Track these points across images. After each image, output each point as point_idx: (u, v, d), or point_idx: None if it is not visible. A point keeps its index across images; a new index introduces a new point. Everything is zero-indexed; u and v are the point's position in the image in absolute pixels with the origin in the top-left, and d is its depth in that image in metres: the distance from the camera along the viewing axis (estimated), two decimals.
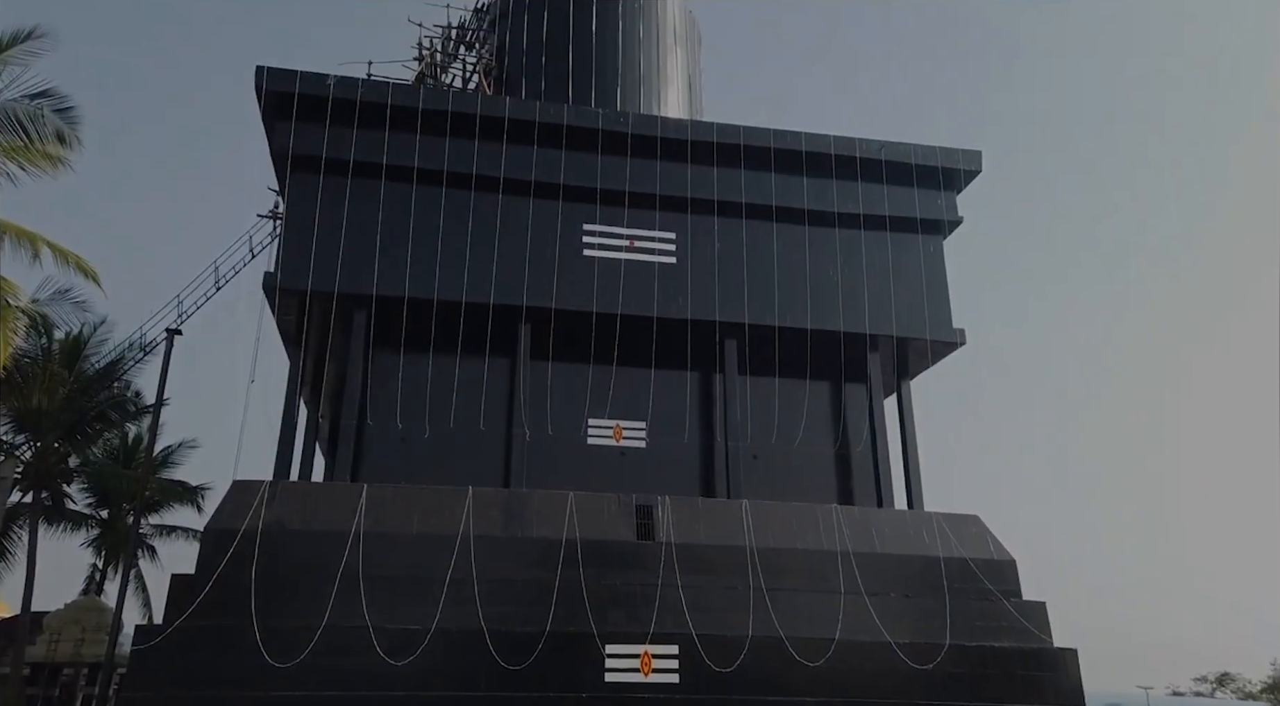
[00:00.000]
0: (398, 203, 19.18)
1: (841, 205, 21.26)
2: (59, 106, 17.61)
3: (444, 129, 19.55)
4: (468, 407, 19.08)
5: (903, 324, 20.73)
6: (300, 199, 18.96)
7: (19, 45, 17.09)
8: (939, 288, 21.41)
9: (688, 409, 20.26)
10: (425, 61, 24.60)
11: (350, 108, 19.22)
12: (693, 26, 26.23)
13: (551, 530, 16.76)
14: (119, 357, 24.65)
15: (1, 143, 17.25)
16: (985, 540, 18.75)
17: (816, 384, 20.98)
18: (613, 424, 19.74)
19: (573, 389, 19.67)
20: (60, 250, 17.94)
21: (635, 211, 20.17)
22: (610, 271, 19.67)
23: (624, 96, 23.19)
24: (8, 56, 17.08)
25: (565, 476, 18.41)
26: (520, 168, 19.80)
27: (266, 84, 18.99)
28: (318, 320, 19.01)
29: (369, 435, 18.69)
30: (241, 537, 15.60)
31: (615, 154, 20.21)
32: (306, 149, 19.02)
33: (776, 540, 17.63)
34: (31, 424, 24.10)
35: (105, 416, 26.12)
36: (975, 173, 22.31)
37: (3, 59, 17.02)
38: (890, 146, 21.75)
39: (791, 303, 20.29)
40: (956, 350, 21.32)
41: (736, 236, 20.55)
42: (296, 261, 18.38)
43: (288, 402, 18.82)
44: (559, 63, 23.27)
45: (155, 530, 29.36)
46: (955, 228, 22.24)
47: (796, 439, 20.43)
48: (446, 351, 19.04)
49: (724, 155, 20.78)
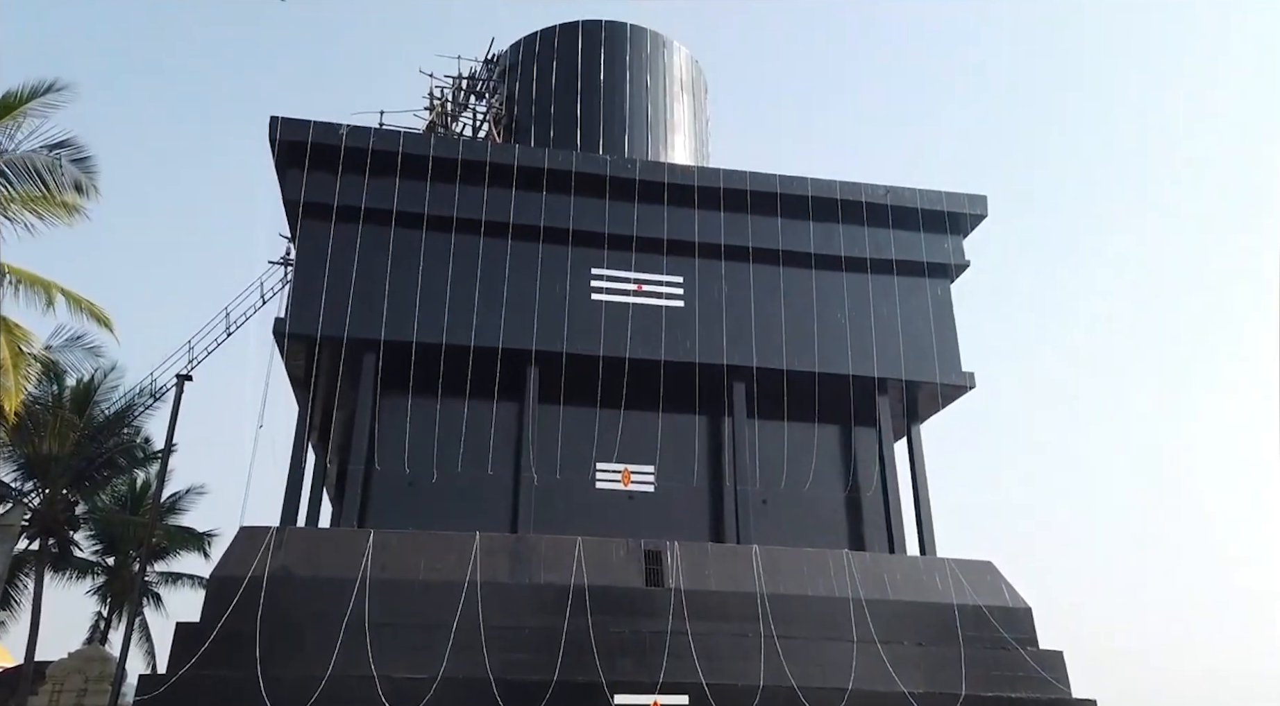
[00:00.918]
0: (408, 248, 19.37)
1: (849, 249, 21.37)
2: (76, 156, 17.93)
3: (454, 176, 19.84)
4: (475, 452, 19.03)
5: (911, 367, 20.67)
6: (311, 245, 19.18)
7: (39, 98, 17.45)
8: (947, 331, 21.39)
9: (696, 453, 20.16)
10: (436, 111, 25.05)
11: (362, 156, 19.52)
12: (699, 75, 26.68)
13: (559, 576, 16.57)
14: (129, 404, 24.74)
15: (19, 192, 17.53)
16: (1000, 587, 18.45)
17: (826, 428, 20.86)
18: (621, 468, 19.64)
19: (580, 433, 19.61)
20: (73, 297, 18.11)
21: (643, 256, 20.32)
22: (618, 315, 19.74)
23: (631, 144, 23.52)
24: (27, 108, 17.43)
25: (573, 521, 18.27)
26: (529, 213, 20.02)
27: (280, 134, 19.34)
28: (327, 365, 19.08)
29: (376, 479, 18.63)
30: (247, 585, 15.47)
31: (623, 199, 20.44)
32: (318, 196, 19.28)
33: (787, 586, 17.38)
34: (40, 470, 24.12)
35: (114, 462, 26.13)
36: (981, 217, 22.43)
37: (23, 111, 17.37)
38: (896, 191, 21.92)
39: (799, 346, 20.28)
40: (967, 393, 21.22)
41: (744, 280, 20.64)
42: (306, 307, 18.51)
43: (296, 448, 18.80)
44: (568, 111, 23.66)
45: (161, 577, 29.15)
46: (962, 271, 22.29)
47: (806, 483, 20.26)
48: (454, 395, 19.05)
49: (731, 200, 20.98)
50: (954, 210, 22.13)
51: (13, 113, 17.21)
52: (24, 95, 17.29)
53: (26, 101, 17.30)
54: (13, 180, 17.41)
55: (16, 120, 17.34)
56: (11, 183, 17.42)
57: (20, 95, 17.25)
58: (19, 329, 17.01)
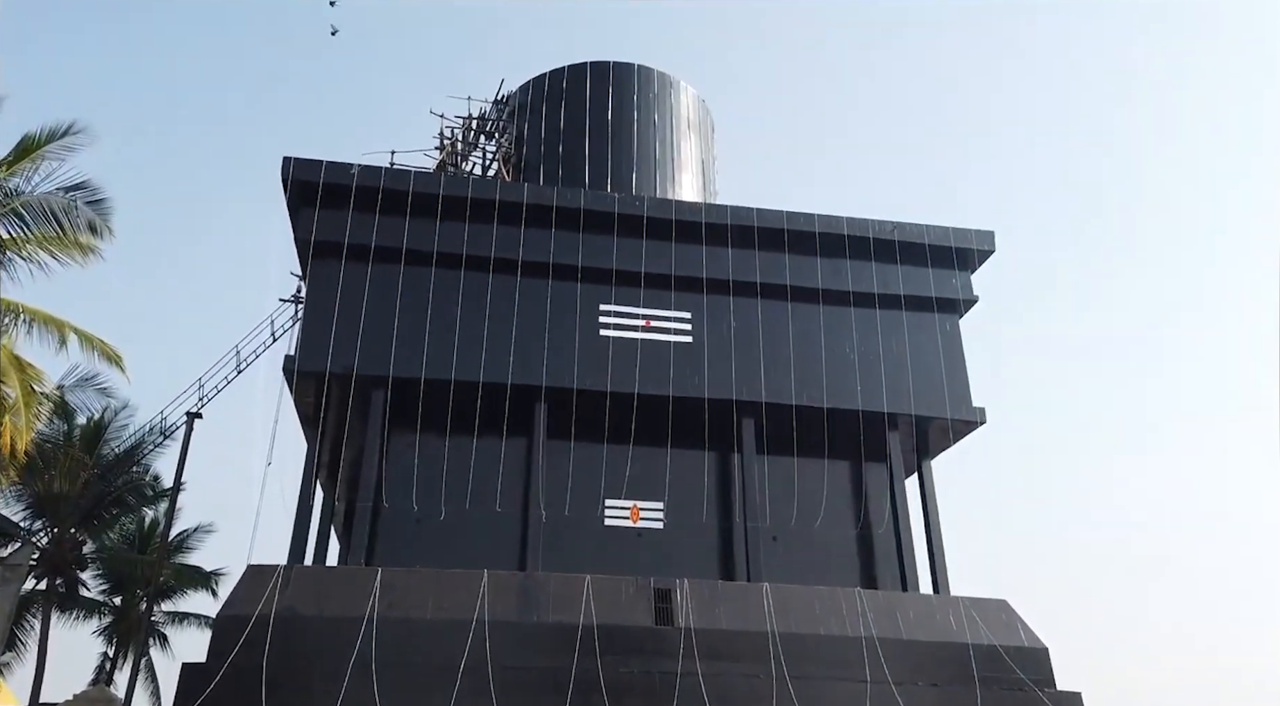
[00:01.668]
0: (417, 286, 19.49)
1: (856, 284, 21.42)
2: (92, 198, 18.18)
3: (463, 214, 20.02)
4: (484, 488, 18.96)
5: (921, 402, 20.58)
6: (322, 283, 19.33)
7: (57, 141, 17.74)
8: (957, 366, 21.32)
9: (705, 489, 20.04)
10: (446, 150, 25.37)
11: (373, 195, 19.75)
12: (705, 115, 26.99)
13: (568, 614, 16.40)
14: (139, 441, 24.81)
15: (35, 233, 17.76)
16: (1016, 626, 18.16)
17: (836, 463, 20.72)
18: (630, 504, 19.52)
19: (589, 469, 19.53)
20: (86, 336, 18.25)
21: (651, 292, 20.40)
22: (626, 351, 19.77)
23: (639, 181, 23.74)
24: (45, 151, 17.72)
25: (582, 558, 18.13)
26: (538, 250, 20.16)
27: (293, 173, 19.60)
28: (336, 402, 19.12)
29: (384, 517, 18.56)
30: (254, 624, 15.35)
31: (631, 236, 20.58)
32: (329, 235, 19.47)
33: (799, 625, 17.15)
34: (50, 509, 24.12)
35: (123, 501, 26.13)
36: (989, 252, 22.47)
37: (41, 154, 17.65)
38: (902, 227, 22.01)
39: (808, 381, 20.24)
40: (977, 429, 21.09)
41: (752, 316, 20.67)
42: (316, 344, 18.61)
43: (304, 485, 18.77)
44: (576, 150, 23.93)
45: (168, 617, 28.97)
46: (971, 306, 22.28)
47: (817, 519, 20.08)
48: (463, 432, 19.05)
49: (738, 236, 21.10)
50: (961, 246, 22.18)
51: (31, 155, 17.50)
52: (43, 138, 17.58)
53: (45, 144, 17.59)
54: (29, 221, 17.64)
55: (35, 162, 17.63)
56: (28, 224, 17.65)
57: (39, 138, 17.54)
58: (32, 368, 17.13)
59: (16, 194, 17.53)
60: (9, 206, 17.41)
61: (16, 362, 16.39)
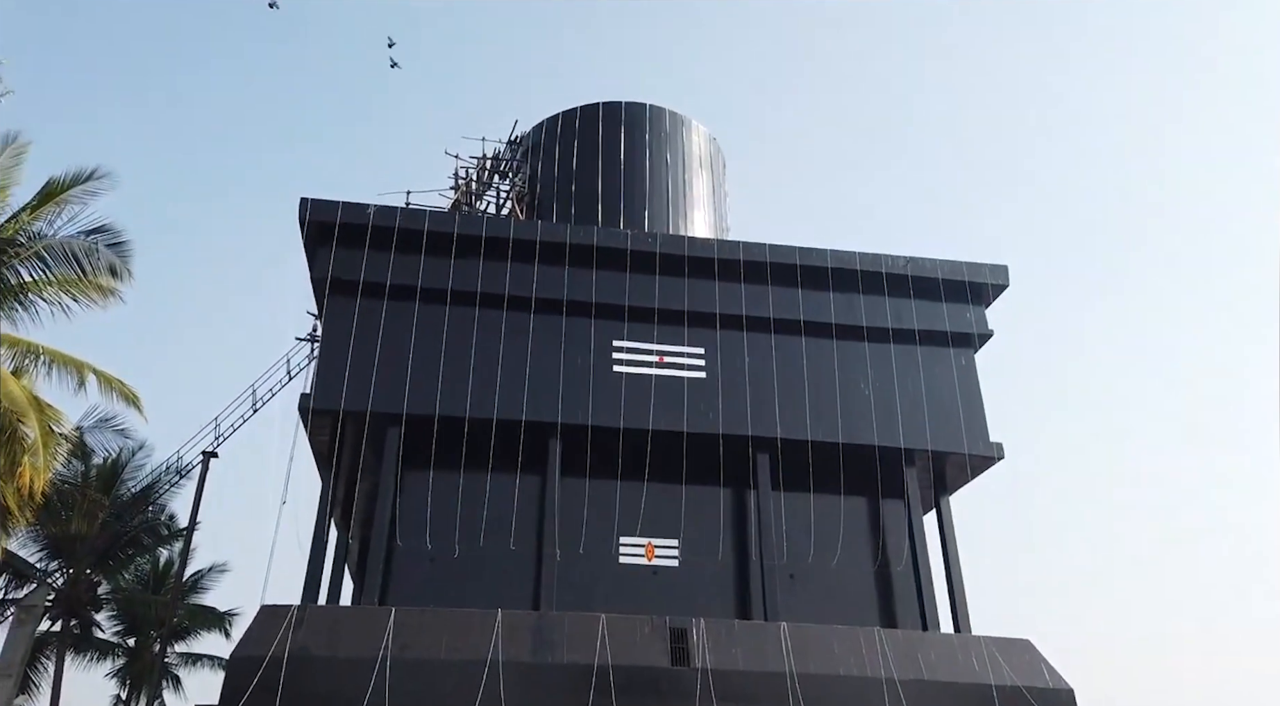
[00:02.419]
0: (432, 324, 19.59)
1: (870, 319, 21.37)
2: (112, 241, 18.46)
3: (478, 252, 20.18)
4: (497, 526, 18.86)
5: (938, 438, 20.40)
6: (338, 321, 19.46)
7: (80, 185, 18.07)
8: (973, 401, 21.15)
9: (721, 526, 19.85)
10: (461, 190, 25.66)
11: (388, 234, 19.95)
12: (717, 152, 27.23)
13: (582, 655, 16.19)
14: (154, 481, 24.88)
15: (57, 276, 18.02)
16: (1039, 666, 17.78)
17: (853, 499, 20.49)
18: (644, 542, 19.35)
19: (603, 506, 19.40)
20: (105, 377, 18.40)
21: (664, 327, 20.43)
22: (640, 387, 19.74)
23: (651, 218, 23.90)
24: (69, 195, 18.05)
25: (596, 597, 17.95)
26: (552, 287, 20.26)
27: (310, 214, 19.84)
28: (350, 440, 19.14)
29: (398, 555, 18.46)
30: (267, 665, 15.24)
31: (644, 272, 20.67)
32: (345, 274, 19.64)
33: (818, 666, 16.86)
34: (66, 550, 24.15)
35: (138, 541, 26.15)
36: (1003, 287, 22.41)
37: (64, 198, 17.98)
38: (916, 262, 22.01)
39: (824, 417, 20.12)
40: (995, 464, 20.86)
41: (766, 351, 20.64)
42: (331, 382, 18.68)
43: (318, 524, 18.73)
44: (589, 188, 24.15)
45: (181, 658, 28.82)
46: (986, 341, 22.17)
47: (834, 557, 19.82)
48: (477, 469, 18.99)
49: (751, 272, 21.14)
50: (975, 280, 22.14)
51: (54, 199, 17.83)
52: (66, 183, 17.91)
53: (68, 188, 17.91)
54: (51, 264, 17.92)
55: (58, 207, 17.95)
56: (50, 267, 17.92)
57: (63, 183, 17.88)
58: (51, 409, 17.24)
59: (39, 237, 17.84)
60: (32, 250, 17.71)
61: (36, 403, 16.51)
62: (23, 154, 17.81)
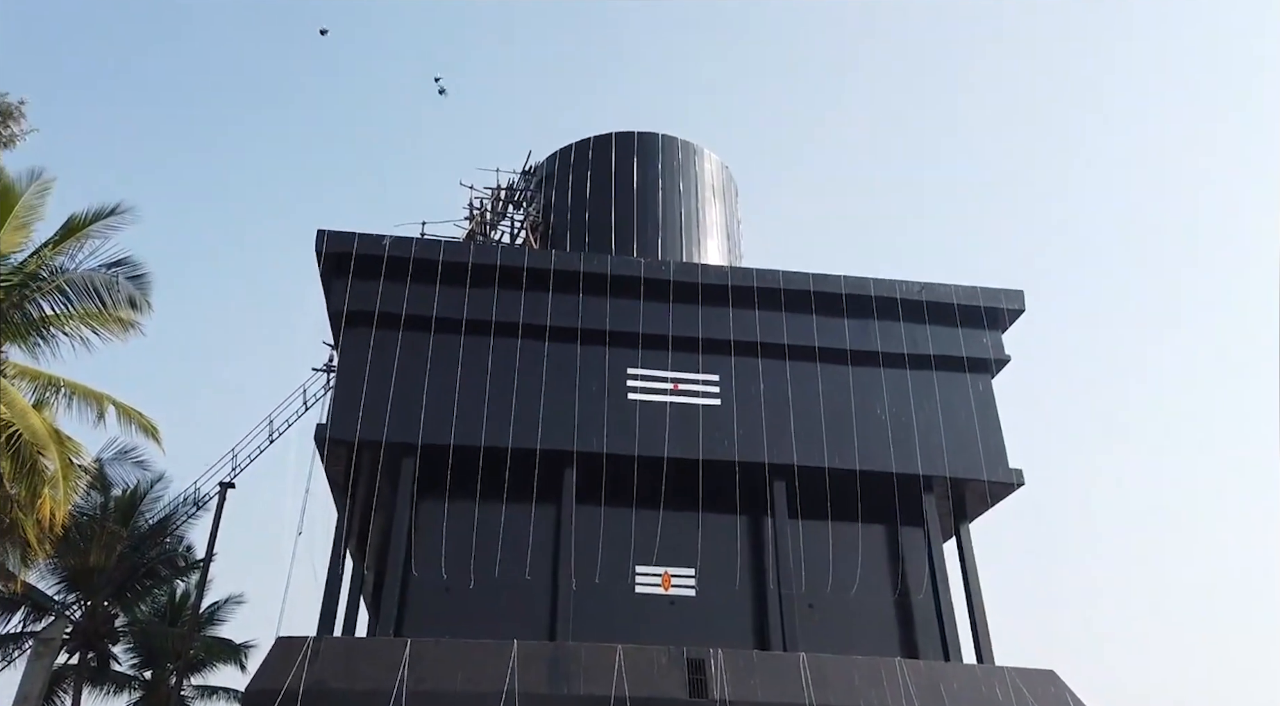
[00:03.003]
0: (447, 353, 19.67)
1: (886, 345, 21.28)
2: (132, 274, 18.70)
3: (492, 282, 20.30)
4: (513, 556, 18.76)
5: (956, 464, 20.19)
6: (354, 351, 19.58)
7: (102, 220, 18.36)
8: (991, 427, 20.96)
9: (738, 554, 19.66)
10: (476, 220, 25.87)
11: (404, 265, 20.12)
12: (729, 180, 27.36)
13: (599, 686, 16.01)
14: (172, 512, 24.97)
15: (78, 309, 18.26)
16: (1065, 698, 17.43)
17: (871, 527, 20.26)
18: (660, 571, 19.19)
19: (619, 535, 19.27)
20: (124, 408, 18.55)
21: (679, 355, 20.40)
22: (655, 414, 19.69)
23: (665, 247, 23.98)
24: (90, 230, 18.33)
25: (612, 627, 17.77)
26: (566, 316, 20.32)
27: (326, 246, 20.05)
28: (366, 470, 19.17)
29: (413, 586, 18.39)
30: (283, 698, 15.15)
31: (658, 300, 20.70)
32: (361, 304, 19.78)
33: (838, 697, 16.59)
34: (83, 582, 24.23)
35: (155, 572, 26.20)
36: (1019, 312, 22.29)
37: (86, 233, 18.26)
38: (930, 287, 21.94)
39: (840, 443, 19.97)
40: (1015, 491, 20.62)
41: (781, 377, 20.56)
42: (347, 412, 18.75)
43: (334, 554, 18.72)
44: (602, 217, 24.28)
45: (197, 691, 28.72)
46: (1003, 366, 22.01)
47: (853, 586, 19.57)
48: (492, 499, 18.95)
49: (764, 299, 21.14)
50: (990, 305, 22.03)
51: (77, 235, 18.12)
52: (88, 218, 18.21)
53: (90, 224, 18.20)
54: (72, 298, 18.18)
55: (80, 241, 18.23)
56: (71, 301, 18.18)
57: (85, 218, 18.17)
58: (71, 441, 17.37)
59: (61, 271, 18.11)
60: (54, 284, 17.97)
61: (56, 436, 16.64)
62: (47, 190, 18.14)
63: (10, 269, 17.56)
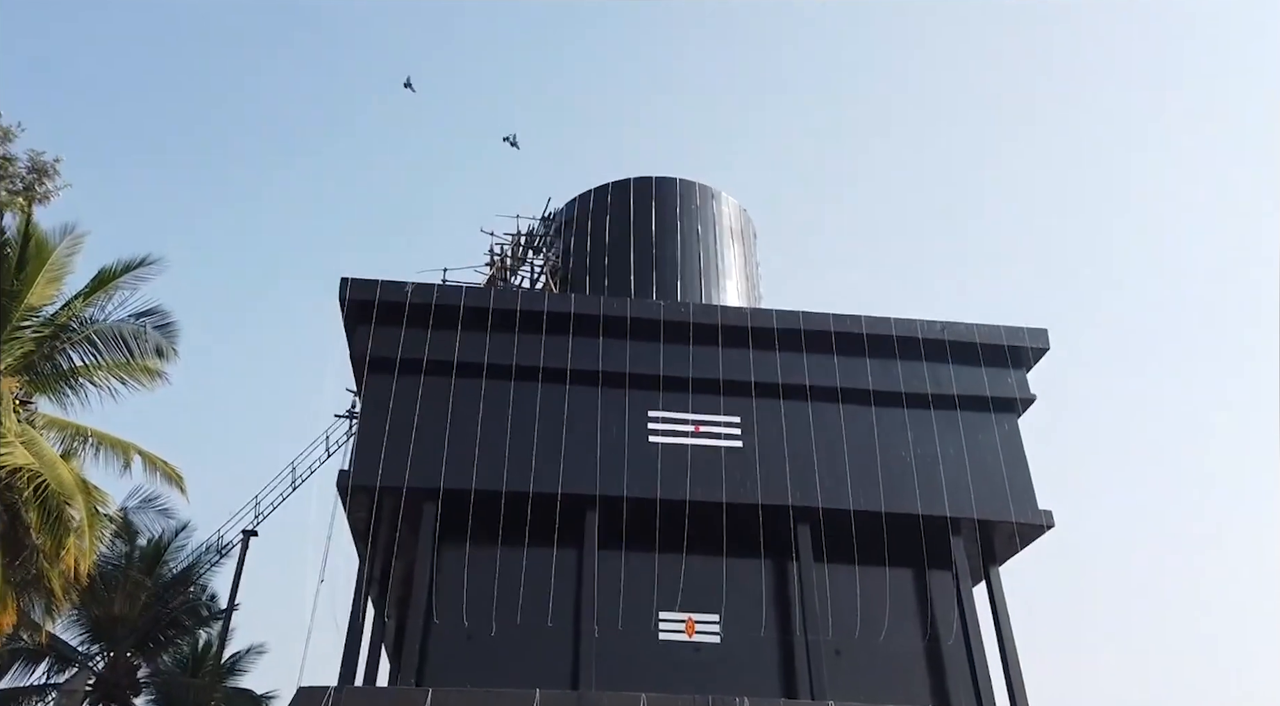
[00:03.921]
0: (468, 398, 19.70)
1: (909, 385, 21.08)
2: (160, 323, 19.02)
3: (513, 326, 20.41)
4: (535, 603, 18.55)
5: (983, 506, 19.83)
6: (376, 397, 19.66)
7: (131, 272, 18.74)
8: (1019, 467, 20.62)
9: (763, 599, 19.33)
10: (496, 266, 26.14)
11: (426, 310, 20.28)
12: (748, 223, 27.52)
13: None
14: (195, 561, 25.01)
15: (106, 360, 18.54)
16: None
17: (898, 571, 19.88)
18: (685, 617, 18.89)
19: (641, 580, 19.03)
20: (149, 457, 18.71)
21: (699, 396, 20.32)
22: (676, 457, 19.56)
23: (684, 290, 24.06)
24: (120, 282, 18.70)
25: (636, 675, 17.42)
26: (586, 359, 20.34)
27: (350, 293, 20.28)
28: (387, 516, 19.13)
29: (434, 634, 18.20)
30: None
31: (678, 342, 20.69)
32: (384, 350, 19.91)
33: None
34: (107, 633, 24.21)
35: (179, 622, 26.15)
36: (1043, 350, 22.05)
37: (116, 284, 18.63)
38: (952, 326, 21.80)
39: (865, 485, 19.70)
40: (1046, 533, 20.20)
41: (803, 418, 20.39)
42: (369, 458, 18.77)
43: (355, 603, 18.61)
44: (621, 261, 24.45)
45: None
46: (1029, 405, 21.72)
47: (882, 632, 19.14)
48: (514, 544, 18.79)
49: (785, 339, 21.06)
50: (1014, 344, 21.82)
51: (106, 286, 18.50)
52: (118, 270, 18.60)
53: (120, 275, 18.59)
54: (101, 349, 18.49)
55: (109, 293, 18.60)
56: (100, 351, 18.49)
57: (114, 271, 18.55)
58: (97, 491, 17.52)
59: (91, 323, 18.45)
60: (83, 334, 18.31)
61: (83, 486, 16.78)
62: (79, 244, 18.57)
63: (42, 321, 17.91)
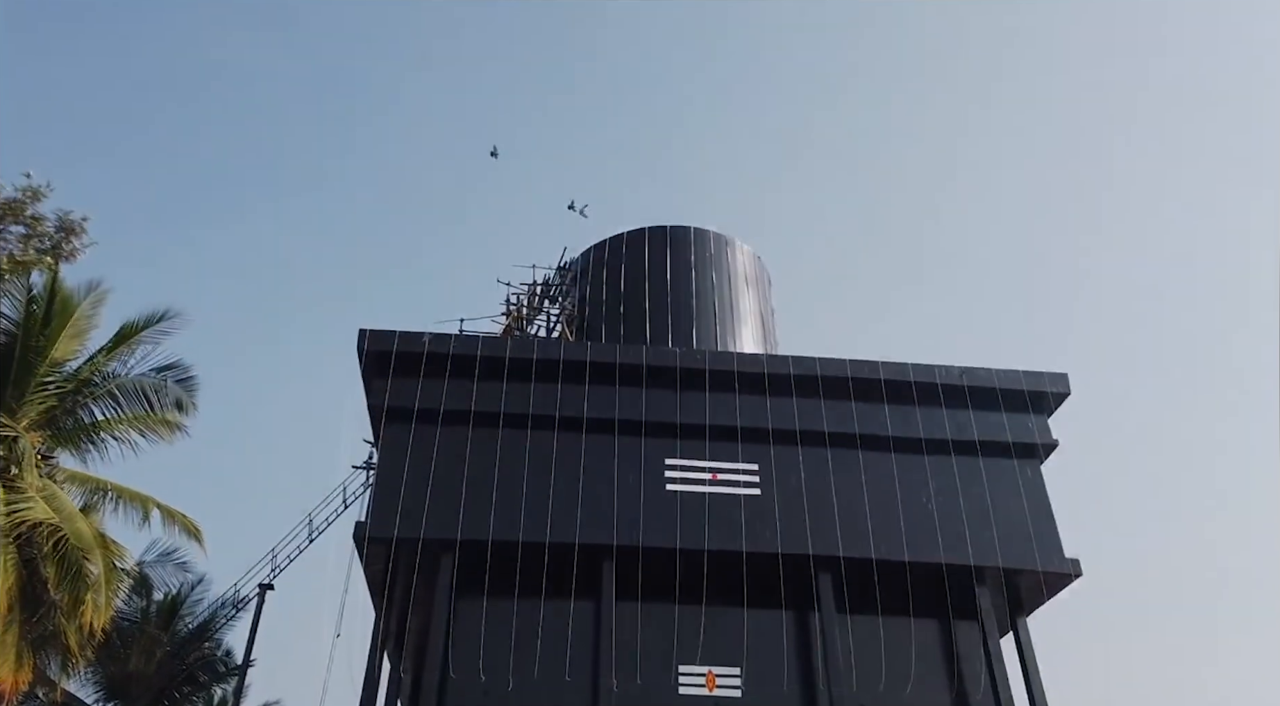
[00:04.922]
0: (485, 448, 19.63)
1: (928, 432, 20.84)
2: (180, 377, 19.18)
3: (529, 375, 20.42)
4: (552, 655, 18.24)
5: (1008, 554, 19.44)
6: (393, 448, 19.65)
7: (153, 326, 18.97)
8: (1043, 515, 20.25)
9: (785, 651, 18.91)
10: (512, 315, 26.28)
11: (443, 361, 20.33)
12: (762, 270, 27.60)
13: None
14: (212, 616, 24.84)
15: (127, 414, 18.68)
16: None
17: (923, 622, 19.42)
18: (705, 670, 18.50)
19: (660, 633, 18.69)
20: (168, 510, 18.71)
21: (716, 444, 20.18)
22: (694, 505, 19.35)
23: (699, 337, 24.06)
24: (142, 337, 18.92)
25: None
26: (602, 407, 20.29)
27: (368, 344, 20.40)
28: (404, 568, 18.97)
29: (451, 689, 17.89)
30: None
31: (694, 390, 20.62)
32: (401, 401, 19.93)
33: None
34: (122, 690, 23.98)
35: (194, 678, 25.90)
36: (1064, 395, 21.79)
37: (138, 339, 18.85)
38: (971, 372, 21.61)
39: (887, 533, 19.38)
40: (1073, 582, 19.75)
41: (822, 466, 20.17)
42: (386, 509, 18.69)
43: (371, 657, 18.38)
44: (637, 310, 24.52)
45: None
46: (1051, 451, 21.41)
47: (907, 685, 18.65)
48: (531, 595, 18.55)
49: (802, 386, 20.94)
50: (1034, 389, 21.58)
51: (129, 341, 18.72)
52: (140, 325, 18.83)
53: (142, 330, 18.81)
54: (122, 402, 18.65)
55: (131, 348, 18.81)
56: (121, 405, 18.64)
57: (136, 326, 18.79)
58: (115, 545, 17.51)
59: (113, 377, 18.64)
60: (105, 389, 18.48)
61: (102, 540, 16.79)
62: (102, 301, 18.83)
63: (65, 377, 18.11)
